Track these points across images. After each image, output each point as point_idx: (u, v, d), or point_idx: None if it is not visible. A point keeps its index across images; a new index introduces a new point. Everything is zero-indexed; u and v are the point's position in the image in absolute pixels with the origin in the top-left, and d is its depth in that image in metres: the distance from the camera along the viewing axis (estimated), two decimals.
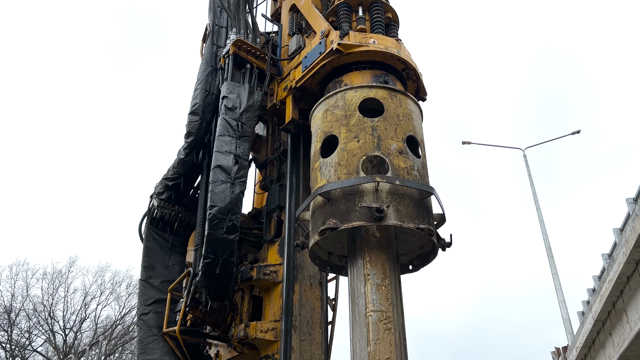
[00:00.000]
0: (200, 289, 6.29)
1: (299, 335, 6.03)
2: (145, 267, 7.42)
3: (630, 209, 14.56)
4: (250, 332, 6.10)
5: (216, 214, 5.96)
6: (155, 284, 7.28)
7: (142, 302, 7.22)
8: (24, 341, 29.76)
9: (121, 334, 29.10)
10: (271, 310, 6.43)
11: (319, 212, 4.33)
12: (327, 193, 4.20)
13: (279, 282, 6.37)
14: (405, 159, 4.35)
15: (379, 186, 4.06)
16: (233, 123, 6.58)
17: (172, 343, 6.75)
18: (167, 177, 7.58)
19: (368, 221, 3.99)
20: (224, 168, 6.25)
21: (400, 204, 4.12)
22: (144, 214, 7.98)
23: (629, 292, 16.44)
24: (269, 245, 7.00)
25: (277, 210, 7.05)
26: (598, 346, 20.25)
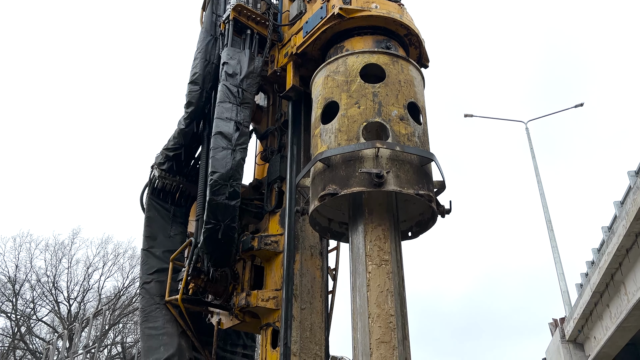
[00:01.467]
0: (202, 255, 6.27)
1: (299, 303, 6.05)
2: (147, 237, 7.44)
3: (632, 181, 14.50)
4: (251, 300, 6.13)
5: (217, 179, 5.93)
6: (157, 254, 7.30)
7: (145, 272, 7.25)
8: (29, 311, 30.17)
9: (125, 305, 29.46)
10: (272, 280, 6.44)
11: (319, 178, 4.28)
12: (327, 159, 4.15)
13: (279, 252, 6.37)
14: (406, 125, 4.28)
15: (379, 152, 4.00)
16: (234, 89, 6.49)
17: (174, 311, 6.79)
18: (167, 147, 7.52)
19: (368, 187, 3.94)
20: (224, 135, 6.18)
21: (400, 170, 4.07)
22: (146, 184, 7.95)
23: (627, 265, 16.52)
24: (270, 215, 6.98)
25: (278, 181, 7.01)
26: (595, 317, 20.44)
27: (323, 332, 6.23)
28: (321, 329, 6.21)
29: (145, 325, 6.86)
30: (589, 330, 21.56)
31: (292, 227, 6.18)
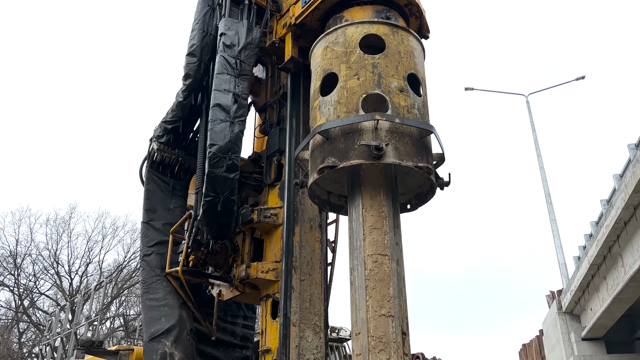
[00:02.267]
0: (202, 228, 6.30)
1: (299, 275, 6.11)
2: (147, 209, 7.46)
3: (632, 154, 14.46)
4: (251, 272, 6.19)
5: (216, 152, 5.91)
6: (157, 227, 7.33)
7: (145, 244, 7.30)
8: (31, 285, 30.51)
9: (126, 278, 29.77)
10: (272, 252, 6.50)
11: (318, 150, 4.27)
12: (326, 131, 4.14)
13: (279, 225, 6.41)
14: (405, 97, 4.25)
15: (378, 124, 3.99)
16: (231, 61, 6.42)
17: (175, 283, 6.86)
18: (166, 120, 7.49)
19: (367, 159, 3.94)
20: (223, 107, 6.14)
21: (400, 142, 4.06)
22: (145, 157, 7.94)
23: (625, 237, 16.62)
24: (269, 188, 7.00)
25: (277, 154, 7.00)
26: (592, 289, 20.68)
27: (322, 303, 6.32)
28: (320, 300, 6.30)
29: (146, 296, 6.94)
30: (585, 302, 21.85)
31: (292, 199, 6.21)
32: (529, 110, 25.81)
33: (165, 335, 6.46)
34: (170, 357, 6.35)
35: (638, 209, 15.22)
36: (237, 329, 8.00)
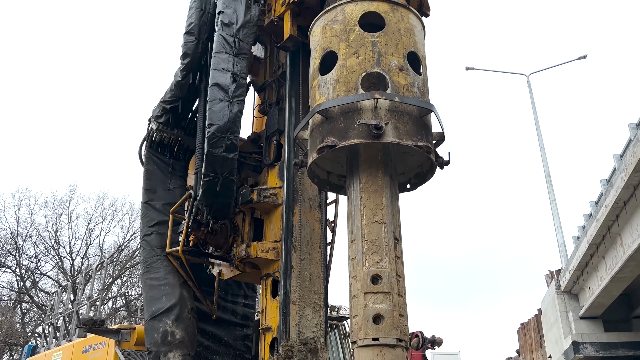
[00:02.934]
0: (202, 208, 6.30)
1: (299, 254, 6.15)
2: (147, 190, 7.46)
3: (632, 134, 14.33)
4: (251, 251, 6.23)
5: (215, 132, 5.89)
6: (157, 207, 7.35)
7: (145, 224, 7.32)
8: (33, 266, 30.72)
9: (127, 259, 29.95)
10: (272, 232, 6.53)
11: (317, 130, 4.26)
12: (325, 111, 4.12)
13: (279, 205, 6.42)
14: (405, 76, 4.22)
15: (377, 103, 3.97)
16: (230, 39, 6.37)
17: (175, 262, 6.90)
18: (164, 100, 7.46)
19: (366, 139, 3.93)
20: (221, 86, 6.10)
21: (399, 121, 4.05)
22: (144, 137, 7.93)
23: (624, 217, 16.66)
24: (268, 169, 7.00)
25: (276, 134, 6.99)
26: (591, 269, 20.81)
27: (322, 282, 6.37)
28: (320, 279, 6.35)
29: (147, 276, 6.99)
30: (584, 281, 22.00)
31: (291, 180, 6.21)
32: (529, 90, 25.70)
33: (167, 314, 6.52)
34: (171, 335, 6.41)
35: (638, 189, 15.22)
36: (237, 307, 8.07)
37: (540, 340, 31.43)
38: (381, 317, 3.91)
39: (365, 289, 3.99)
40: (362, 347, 3.97)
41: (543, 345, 30.37)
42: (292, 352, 5.42)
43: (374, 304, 3.93)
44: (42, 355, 10.04)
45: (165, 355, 6.32)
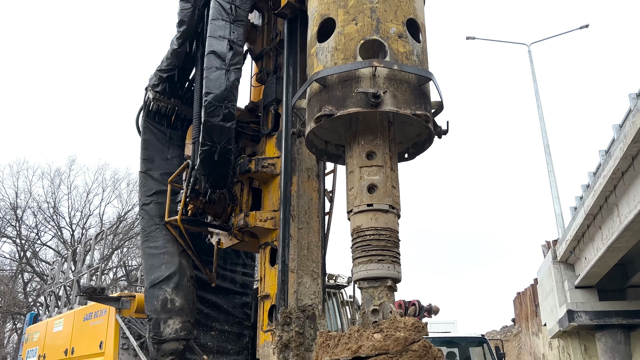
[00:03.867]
0: (200, 177, 6.29)
1: (297, 223, 6.19)
2: (144, 159, 7.45)
3: (632, 104, 14.17)
4: (250, 221, 6.26)
5: (212, 100, 5.84)
6: (155, 176, 7.35)
7: (143, 193, 7.32)
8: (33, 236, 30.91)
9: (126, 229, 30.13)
10: (270, 201, 6.55)
11: (315, 99, 4.23)
12: (323, 79, 4.08)
13: (277, 174, 6.43)
14: (404, 43, 4.17)
15: (376, 71, 3.93)
16: (226, 6, 6.26)
17: (174, 231, 6.94)
18: (161, 68, 7.39)
19: (364, 107, 3.91)
20: (218, 54, 6.03)
21: (398, 89, 4.02)
22: (141, 107, 7.88)
23: (622, 187, 16.71)
24: (266, 138, 6.97)
25: (274, 104, 6.93)
26: (587, 239, 20.99)
27: (320, 250, 6.43)
28: (318, 247, 6.40)
29: (146, 244, 7.04)
30: (580, 251, 22.23)
31: (289, 149, 6.20)
32: (530, 60, 25.42)
33: (166, 282, 6.59)
34: (171, 302, 6.50)
35: (636, 159, 15.20)
36: (236, 276, 8.17)
37: (535, 309, 31.94)
38: (375, 187, 4.19)
39: (360, 164, 4.25)
40: (357, 214, 4.22)
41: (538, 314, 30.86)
42: (290, 318, 5.50)
43: (369, 176, 4.22)
44: (44, 323, 10.17)
45: (165, 322, 6.41)
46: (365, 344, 3.61)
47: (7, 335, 29.47)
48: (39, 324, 10.61)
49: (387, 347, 3.53)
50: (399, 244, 4.18)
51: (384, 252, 4.02)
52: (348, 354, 3.65)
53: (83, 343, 8.06)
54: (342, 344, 3.73)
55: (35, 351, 9.86)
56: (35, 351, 9.90)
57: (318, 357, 3.89)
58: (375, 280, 3.99)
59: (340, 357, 3.66)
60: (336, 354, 3.71)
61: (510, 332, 39.66)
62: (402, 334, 3.58)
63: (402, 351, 3.50)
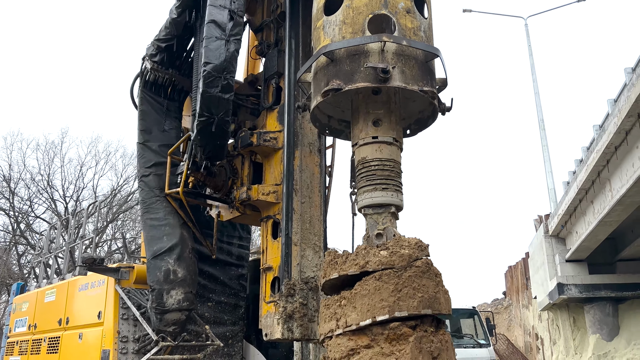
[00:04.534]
0: (196, 148, 6.27)
1: (300, 197, 6.26)
2: (142, 130, 7.42)
3: (627, 78, 14.16)
4: (252, 194, 6.31)
5: (211, 71, 5.78)
6: (153, 148, 7.33)
7: (142, 165, 7.31)
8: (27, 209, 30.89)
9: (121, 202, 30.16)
10: (272, 175, 6.60)
11: (321, 72, 4.25)
12: (331, 53, 4.08)
13: (279, 149, 6.46)
14: (412, 19, 4.18)
15: (385, 46, 3.96)
16: None
17: (174, 203, 6.98)
18: (159, 38, 7.31)
19: (373, 82, 3.93)
20: (218, 23, 5.95)
21: (406, 65, 4.04)
22: (135, 76, 7.83)
23: (615, 162, 16.88)
24: (267, 112, 6.97)
25: (275, 77, 6.91)
26: (579, 213, 21.28)
27: (321, 224, 6.53)
28: (320, 221, 6.50)
29: (146, 216, 7.08)
30: (571, 225, 22.55)
31: (292, 123, 6.22)
32: (527, 33, 25.33)
33: (168, 253, 6.66)
34: (173, 273, 6.58)
35: (629, 134, 15.29)
36: (233, 248, 8.28)
37: (526, 282, 32.53)
38: (380, 121, 4.33)
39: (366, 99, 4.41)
40: (362, 146, 4.39)
41: (529, 287, 31.44)
42: (294, 290, 5.63)
43: (374, 110, 4.37)
44: (34, 293, 10.09)
45: (168, 292, 6.51)
46: (372, 259, 3.82)
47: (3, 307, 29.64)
48: (27, 294, 10.53)
49: (392, 262, 3.76)
50: (401, 175, 4.41)
51: (388, 181, 4.24)
52: (356, 269, 3.85)
53: (79, 313, 8.11)
54: (350, 260, 3.93)
55: (25, 321, 9.84)
56: (24, 321, 9.87)
57: (326, 274, 4.07)
58: (380, 207, 4.21)
59: (349, 272, 3.87)
60: (344, 269, 3.92)
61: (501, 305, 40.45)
62: (406, 251, 3.82)
63: (406, 267, 3.75)
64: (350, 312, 3.74)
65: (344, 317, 3.78)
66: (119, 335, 6.88)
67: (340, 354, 3.69)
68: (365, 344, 3.63)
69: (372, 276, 3.75)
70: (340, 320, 3.79)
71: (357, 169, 4.41)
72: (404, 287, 3.68)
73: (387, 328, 3.63)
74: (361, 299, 3.71)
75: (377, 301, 3.65)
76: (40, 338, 9.13)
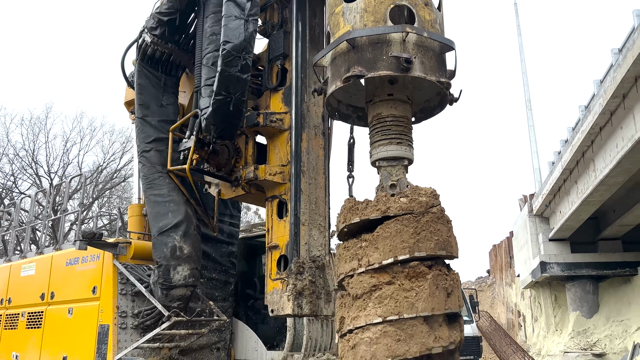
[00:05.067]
0: (208, 126, 6.37)
1: (307, 179, 6.50)
2: (140, 105, 7.51)
3: (614, 59, 14.61)
4: (259, 174, 6.49)
5: (230, 50, 5.86)
6: (153, 123, 7.44)
7: (142, 140, 7.43)
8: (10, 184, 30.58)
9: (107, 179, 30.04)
10: (276, 156, 6.80)
11: (341, 58, 4.47)
12: (352, 40, 4.32)
13: (284, 130, 6.65)
14: (430, 12, 4.43)
15: (407, 37, 4.21)
16: None
17: (177, 180, 7.13)
18: (160, 11, 7.32)
19: (395, 71, 4.19)
20: (237, 3, 6.03)
21: (425, 56, 4.30)
22: (127, 47, 7.89)
23: (599, 142, 17.36)
24: (271, 93, 7.09)
25: (280, 58, 7.05)
26: (563, 193, 21.97)
27: (326, 205, 6.80)
28: (324, 202, 6.77)
29: (150, 192, 7.22)
30: (555, 205, 23.29)
31: (299, 106, 6.42)
32: (516, 13, 25.65)
33: (174, 230, 6.86)
34: (179, 250, 6.79)
35: (614, 115, 15.71)
36: (224, 226, 8.52)
37: (510, 261, 33.51)
38: (395, 81, 4.62)
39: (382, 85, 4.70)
40: (377, 102, 4.71)
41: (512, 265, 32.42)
42: (303, 268, 5.93)
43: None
44: (6, 267, 9.81)
45: (175, 268, 6.72)
46: (393, 205, 4.21)
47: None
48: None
49: (412, 208, 4.17)
50: (412, 131, 4.80)
51: (402, 136, 4.62)
52: (378, 214, 4.23)
53: (68, 288, 8.18)
54: (371, 206, 4.31)
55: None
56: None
57: (346, 219, 4.42)
58: (394, 159, 4.60)
59: (370, 216, 4.25)
60: (366, 214, 4.29)
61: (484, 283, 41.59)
62: (424, 199, 4.23)
63: (424, 212, 4.16)
64: (372, 252, 4.14)
65: (365, 257, 4.17)
66: (118, 311, 7.08)
67: (363, 289, 4.10)
68: (386, 280, 4.05)
69: (394, 220, 4.15)
70: (362, 259, 4.18)
71: (372, 124, 4.76)
72: (422, 230, 4.11)
73: (407, 267, 4.06)
74: (383, 241, 4.11)
75: (399, 242, 4.06)
76: (16, 313, 9.10)
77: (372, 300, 4.02)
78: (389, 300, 3.96)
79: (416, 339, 3.87)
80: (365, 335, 3.93)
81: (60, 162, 31.41)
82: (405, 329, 3.88)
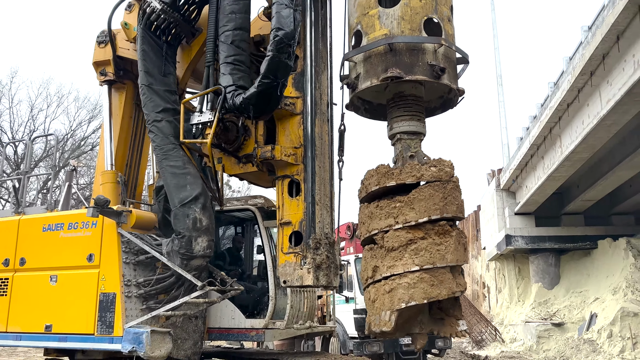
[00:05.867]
0: (248, 106, 6.67)
1: (319, 162, 7.24)
2: (145, 72, 7.82)
3: (583, 37, 15.44)
4: (276, 154, 7.09)
5: (283, 37, 6.22)
6: (160, 92, 7.79)
7: (152, 109, 7.74)
8: None
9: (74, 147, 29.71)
10: (287, 138, 7.39)
11: (378, 58, 5.27)
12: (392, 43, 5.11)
13: (296, 114, 7.24)
14: (451, 26, 5.32)
15: (439, 48, 5.06)
16: None
17: (189, 153, 7.56)
18: None
19: (429, 77, 5.07)
20: None
21: (450, 66, 5.23)
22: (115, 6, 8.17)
23: (566, 119, 18.53)
24: None
25: None
26: (530, 168, 23.41)
27: (328, 187, 7.55)
28: (328, 184, 7.53)
29: (165, 163, 7.56)
30: (522, 180, 24.80)
31: (313, 92, 7.10)
32: None
33: (194, 202, 7.32)
34: (199, 222, 7.30)
35: (582, 92, 16.68)
36: None
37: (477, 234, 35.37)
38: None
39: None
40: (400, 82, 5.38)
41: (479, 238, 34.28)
42: (320, 244, 6.77)
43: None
44: None
45: (196, 240, 7.26)
46: (425, 173, 5.24)
47: None
48: None
49: (440, 176, 5.23)
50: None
51: (420, 114, 5.64)
52: (413, 179, 5.26)
53: (48, 254, 8.16)
54: (406, 172, 5.30)
55: None
56: None
57: (380, 183, 5.36)
58: (414, 134, 5.62)
59: (407, 181, 5.26)
60: (402, 179, 5.28)
61: None
62: (448, 169, 5.31)
63: (448, 180, 5.24)
64: (408, 212, 5.15)
65: (402, 215, 5.17)
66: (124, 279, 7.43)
67: (400, 242, 5.11)
68: (420, 236, 5.11)
69: (427, 185, 5.19)
70: (399, 217, 5.19)
71: (393, 100, 5.65)
72: (448, 195, 5.19)
73: (437, 225, 5.13)
74: (419, 202, 5.14)
75: (431, 204, 5.12)
76: None
77: (407, 252, 5.05)
78: (424, 252, 5.01)
79: (445, 284, 4.97)
80: (403, 281, 4.95)
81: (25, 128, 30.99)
82: (437, 276, 4.96)
